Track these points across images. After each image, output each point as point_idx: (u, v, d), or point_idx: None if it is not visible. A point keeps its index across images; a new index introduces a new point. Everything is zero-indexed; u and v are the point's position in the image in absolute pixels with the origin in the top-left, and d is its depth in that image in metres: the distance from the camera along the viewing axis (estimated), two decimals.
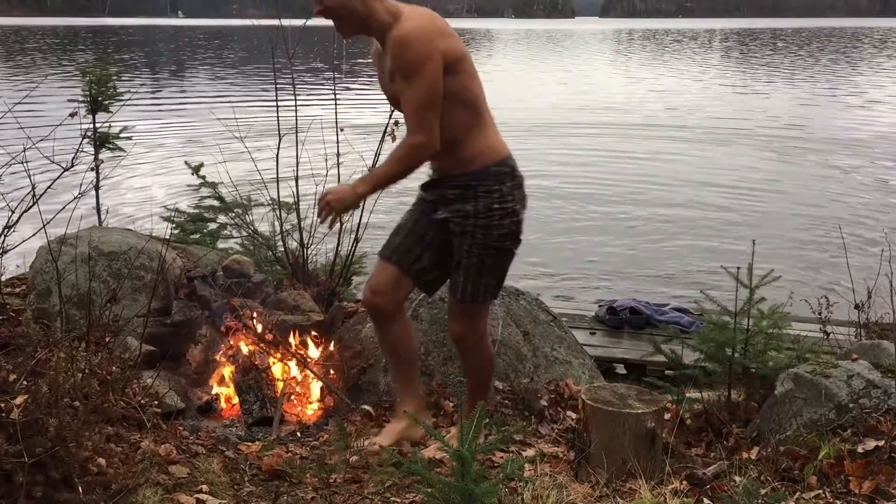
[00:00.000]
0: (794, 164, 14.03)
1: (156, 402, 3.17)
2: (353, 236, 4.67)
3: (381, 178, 2.73)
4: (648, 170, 13.55)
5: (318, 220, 2.78)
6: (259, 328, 3.75)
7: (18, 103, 4.05)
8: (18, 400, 2.07)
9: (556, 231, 9.99)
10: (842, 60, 42.25)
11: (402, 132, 4.66)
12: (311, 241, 4.82)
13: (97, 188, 5.59)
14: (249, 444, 3.08)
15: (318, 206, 2.76)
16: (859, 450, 2.65)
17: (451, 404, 3.45)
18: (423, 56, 2.56)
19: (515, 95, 23.56)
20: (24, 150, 3.34)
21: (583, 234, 9.87)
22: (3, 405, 2.09)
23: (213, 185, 5.62)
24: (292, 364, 3.66)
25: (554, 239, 9.64)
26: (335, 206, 2.72)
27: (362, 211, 4.61)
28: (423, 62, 2.56)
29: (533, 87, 28.05)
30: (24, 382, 2.30)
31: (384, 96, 2.88)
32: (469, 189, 2.75)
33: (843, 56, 45.81)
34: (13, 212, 3.51)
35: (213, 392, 3.61)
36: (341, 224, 2.94)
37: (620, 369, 5.48)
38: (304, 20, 4.86)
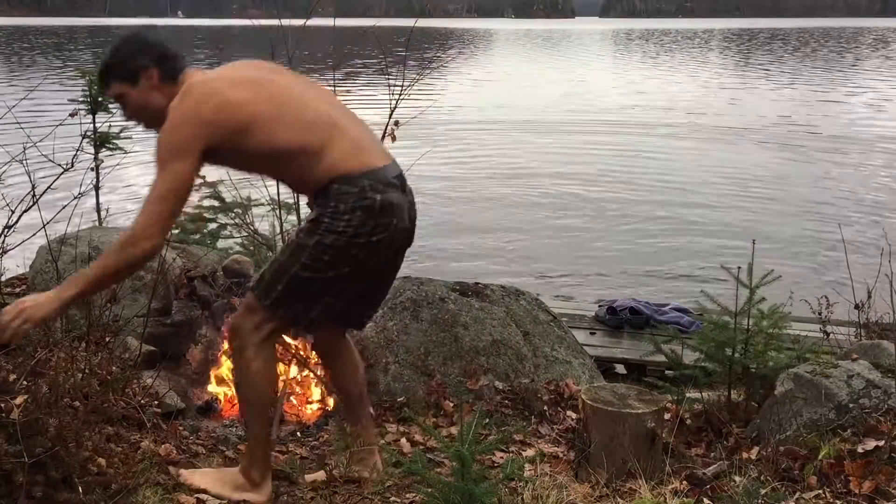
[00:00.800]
0: (794, 164, 14.03)
1: (156, 402, 3.17)
2: None
3: (91, 279, 2.28)
4: (648, 169, 13.55)
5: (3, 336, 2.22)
6: None
7: (20, 100, 4.05)
8: (18, 400, 2.07)
9: (556, 231, 9.99)
10: (842, 59, 42.25)
11: (401, 132, 4.69)
12: None
13: (97, 188, 5.60)
14: None
15: (8, 317, 2.20)
16: (859, 450, 2.65)
17: (451, 404, 3.45)
18: (169, 148, 2.29)
19: (514, 94, 23.58)
20: (24, 150, 3.34)
21: (583, 234, 9.87)
22: (3, 405, 2.09)
23: (213, 185, 5.62)
24: (292, 364, 3.66)
25: (554, 239, 9.65)
26: (30, 316, 2.20)
27: None
28: (165, 157, 2.29)
29: (532, 86, 28.06)
30: (25, 382, 2.30)
31: (384, 96, 2.88)
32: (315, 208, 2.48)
33: (843, 55, 45.81)
34: (13, 212, 3.51)
35: (213, 392, 3.61)
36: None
37: (620, 369, 5.47)
38: (304, 20, 4.87)
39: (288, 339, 3.76)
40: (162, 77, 2.42)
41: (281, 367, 3.67)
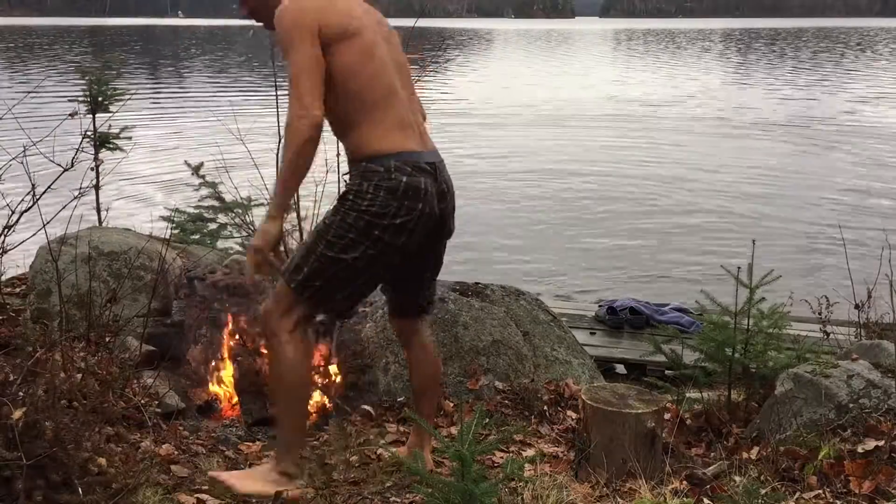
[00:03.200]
0: (794, 164, 14.03)
1: (156, 402, 3.17)
2: None
3: (279, 186, 2.43)
4: (648, 169, 13.55)
5: (253, 272, 2.53)
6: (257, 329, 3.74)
7: (20, 100, 4.05)
8: (17, 414, 2.06)
9: (556, 230, 9.99)
10: (841, 58, 42.25)
11: None
12: None
13: (97, 188, 5.60)
14: (249, 444, 3.08)
15: (248, 258, 2.48)
16: (859, 450, 2.65)
17: (451, 404, 3.45)
18: (290, 28, 2.39)
19: (514, 92, 23.58)
20: (24, 150, 3.34)
21: (583, 234, 9.87)
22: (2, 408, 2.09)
23: (213, 185, 5.62)
24: None
25: (554, 239, 9.65)
26: (264, 245, 2.42)
27: None
28: (289, 36, 2.38)
29: (531, 85, 28.07)
30: (24, 384, 2.30)
31: None
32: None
33: (842, 54, 45.81)
34: (13, 212, 3.51)
35: (213, 392, 3.61)
36: (278, 269, 2.50)
37: (620, 369, 5.48)
38: None
39: None
40: None
41: None
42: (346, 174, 2.55)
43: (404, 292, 2.71)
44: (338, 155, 4.66)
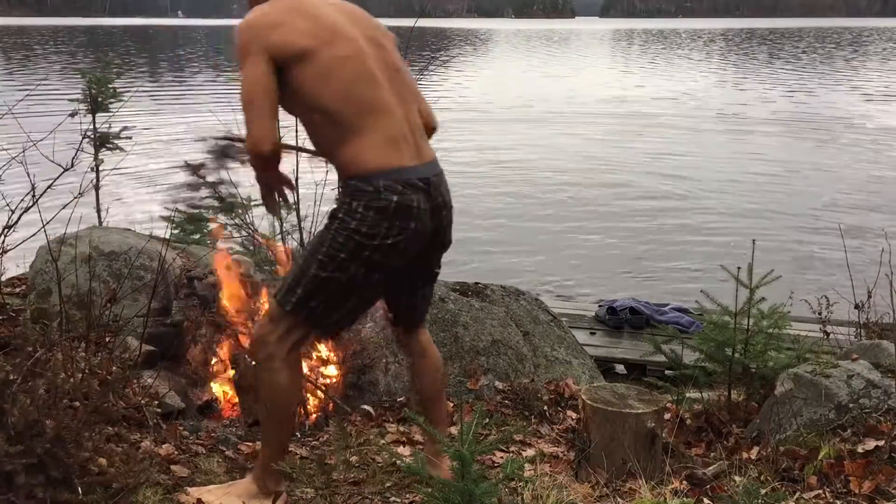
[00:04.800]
0: (794, 164, 14.03)
1: (156, 402, 3.17)
2: None
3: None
4: (648, 168, 13.56)
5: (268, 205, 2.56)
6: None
7: (20, 100, 4.05)
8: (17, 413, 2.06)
9: (556, 230, 9.99)
10: (841, 57, 42.25)
11: None
12: None
13: (97, 188, 5.60)
14: (249, 444, 3.08)
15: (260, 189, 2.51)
16: (859, 450, 2.65)
17: (452, 404, 3.44)
18: (240, 48, 2.31)
19: (515, 91, 23.56)
20: (24, 150, 3.33)
21: (583, 234, 9.87)
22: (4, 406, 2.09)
23: (213, 185, 5.60)
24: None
25: (554, 238, 9.65)
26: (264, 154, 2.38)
27: None
28: (240, 56, 2.31)
29: (532, 83, 28.07)
30: (24, 384, 2.30)
31: None
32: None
33: (841, 53, 45.81)
34: (13, 212, 3.51)
35: (213, 392, 3.61)
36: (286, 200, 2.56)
37: (620, 369, 5.48)
38: None
39: None
40: None
41: None
42: (335, 188, 2.50)
43: (397, 302, 2.63)
44: None
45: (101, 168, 5.47)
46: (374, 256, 2.33)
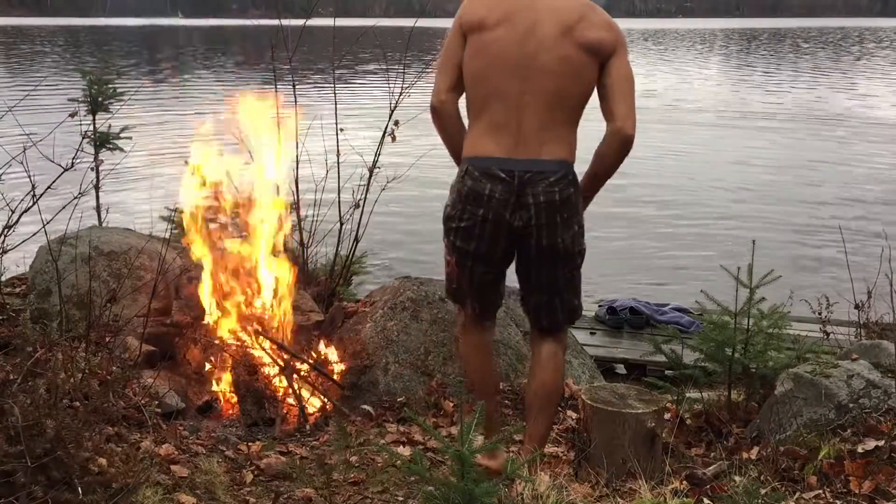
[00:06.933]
0: (793, 164, 14.02)
1: (156, 402, 3.17)
2: (353, 236, 4.68)
3: None
4: (648, 168, 13.53)
5: None
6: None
7: (20, 100, 4.05)
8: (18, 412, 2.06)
9: None
10: (840, 56, 42.27)
11: (400, 132, 4.69)
12: (310, 242, 4.81)
13: (97, 188, 5.59)
14: (249, 443, 3.08)
15: None
16: (859, 450, 2.65)
17: (451, 404, 3.45)
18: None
19: None
20: (24, 150, 3.33)
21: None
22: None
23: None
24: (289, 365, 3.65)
25: None
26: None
27: (362, 212, 4.61)
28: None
29: None
30: (24, 384, 2.30)
31: (384, 96, 2.91)
32: None
33: (841, 52, 45.82)
34: (13, 212, 3.50)
35: (213, 392, 3.61)
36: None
37: (620, 369, 5.47)
38: (303, 20, 4.87)
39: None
40: None
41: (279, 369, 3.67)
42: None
43: (526, 302, 2.72)
44: (337, 155, 4.67)
45: (100, 168, 5.46)
46: (453, 238, 2.55)
